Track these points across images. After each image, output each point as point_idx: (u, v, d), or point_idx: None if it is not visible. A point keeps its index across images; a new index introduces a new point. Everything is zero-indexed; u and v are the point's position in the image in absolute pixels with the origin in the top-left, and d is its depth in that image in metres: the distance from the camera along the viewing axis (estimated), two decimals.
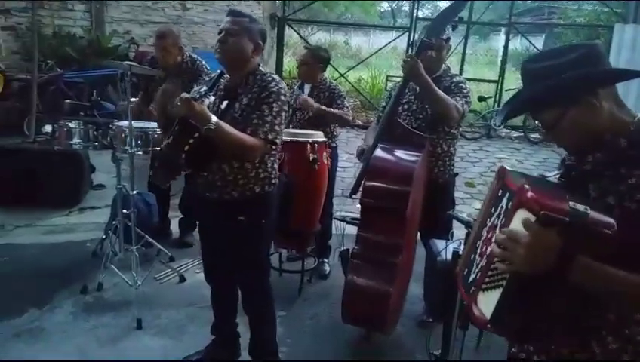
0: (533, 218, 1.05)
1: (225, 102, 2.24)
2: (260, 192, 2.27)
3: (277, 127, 2.13)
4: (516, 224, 1.09)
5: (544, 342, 1.28)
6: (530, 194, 1.06)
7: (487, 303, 1.15)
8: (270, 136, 2.11)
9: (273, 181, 2.33)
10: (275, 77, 2.20)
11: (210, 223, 2.46)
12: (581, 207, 1.03)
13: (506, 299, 1.11)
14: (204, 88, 2.02)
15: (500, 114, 1.35)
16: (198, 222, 2.58)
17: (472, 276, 1.27)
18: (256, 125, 2.10)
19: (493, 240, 1.16)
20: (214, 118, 1.98)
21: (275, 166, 2.34)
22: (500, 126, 8.95)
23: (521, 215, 1.08)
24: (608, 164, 1.17)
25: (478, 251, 1.27)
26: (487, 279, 1.16)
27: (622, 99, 1.22)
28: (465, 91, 2.80)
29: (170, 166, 2.24)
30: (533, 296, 1.09)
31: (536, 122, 1.29)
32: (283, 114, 2.17)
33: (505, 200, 1.18)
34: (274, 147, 2.20)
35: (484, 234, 1.26)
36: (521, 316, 1.13)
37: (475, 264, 1.27)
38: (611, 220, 1.05)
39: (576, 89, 1.16)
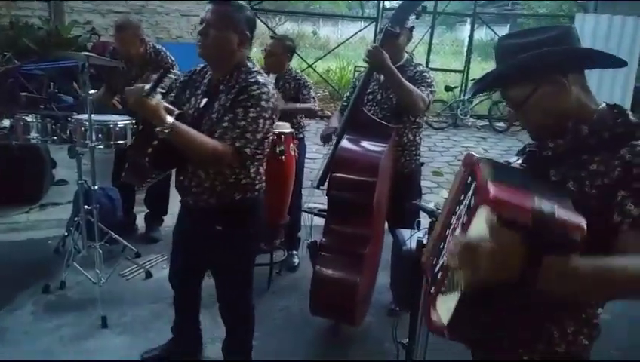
0: (495, 218, 0.97)
1: (204, 100, 2.03)
2: (239, 200, 2.09)
3: (249, 135, 1.89)
4: (477, 223, 1.02)
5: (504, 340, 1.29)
6: (492, 192, 0.99)
7: (444, 307, 1.10)
8: (238, 144, 1.87)
9: (257, 187, 2.14)
10: (260, 79, 1.96)
11: (187, 228, 2.28)
12: (547, 206, 0.97)
13: (463, 305, 1.03)
14: (148, 87, 1.77)
15: (472, 88, 1.34)
16: (175, 223, 2.41)
17: (437, 269, 1.24)
18: (225, 129, 1.88)
19: (450, 245, 1.07)
20: (169, 120, 1.77)
21: (261, 171, 2.15)
22: (469, 98, 8.98)
23: (483, 214, 1.00)
24: (570, 150, 1.18)
25: (447, 240, 1.25)
26: (445, 281, 1.12)
27: None
28: (429, 81, 2.82)
29: (139, 168, 2.01)
30: (493, 301, 1.04)
31: (505, 101, 1.29)
32: (260, 122, 1.92)
33: (470, 192, 1.15)
34: (247, 156, 1.97)
35: (453, 222, 1.24)
36: (480, 323, 1.08)
37: (442, 255, 1.24)
38: (580, 219, 0.98)
39: (549, 65, 1.17)
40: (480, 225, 1.00)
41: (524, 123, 1.27)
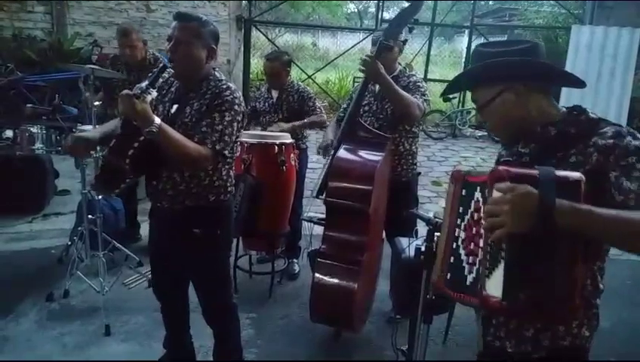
0: (507, 182, 1.12)
1: (175, 106, 2.11)
2: (214, 201, 2.17)
3: (227, 138, 1.99)
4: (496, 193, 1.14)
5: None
6: (502, 167, 1.16)
7: (494, 285, 1.13)
8: (218, 147, 1.97)
9: (229, 189, 2.23)
10: (231, 85, 2.08)
11: (162, 235, 2.29)
12: (547, 168, 1.14)
13: (510, 269, 1.10)
14: (145, 83, 1.83)
15: (446, 88, 1.53)
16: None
17: (471, 276, 1.24)
18: (205, 133, 1.97)
19: (481, 231, 1.18)
20: (157, 121, 1.83)
21: (231, 173, 2.24)
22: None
23: (498, 186, 1.13)
24: (544, 151, 1.30)
25: (463, 252, 1.27)
26: (487, 264, 1.15)
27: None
28: (422, 90, 2.89)
29: (113, 173, 2.00)
30: (534, 260, 1.11)
31: (472, 101, 1.43)
32: (235, 125, 2.03)
33: (477, 194, 1.23)
34: (225, 158, 2.05)
35: (463, 234, 1.28)
36: (530, 285, 1.11)
37: (465, 264, 1.26)
38: (579, 173, 1.13)
39: (508, 71, 1.30)
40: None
41: (488, 123, 1.41)
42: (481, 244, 1.19)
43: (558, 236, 1.09)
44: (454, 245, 1.31)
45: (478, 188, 1.23)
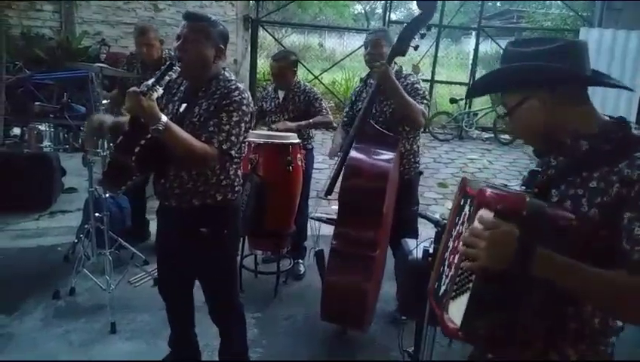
0: (491, 214, 1.05)
1: (184, 105, 2.11)
2: (221, 200, 2.16)
3: (233, 138, 2.00)
4: (478, 224, 1.09)
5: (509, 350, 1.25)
6: (488, 193, 1.08)
7: (457, 310, 1.11)
8: (224, 146, 1.98)
9: (236, 188, 2.22)
10: (240, 85, 2.09)
11: (170, 234, 2.29)
12: (538, 202, 1.06)
13: (474, 301, 1.07)
14: (152, 81, 1.86)
15: (468, 91, 1.42)
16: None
17: (443, 288, 1.23)
18: (212, 133, 1.97)
19: (459, 246, 1.14)
20: (164, 118, 1.84)
21: (239, 173, 2.24)
22: (467, 98, 8.97)
23: (481, 214, 1.08)
24: (569, 167, 1.18)
25: (446, 262, 1.25)
26: (455, 286, 1.13)
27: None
28: (421, 93, 2.91)
29: (120, 170, 2.02)
30: (501, 296, 1.06)
31: (502, 104, 1.31)
32: (242, 125, 2.04)
33: (467, 207, 1.19)
34: (231, 158, 2.07)
35: (451, 244, 1.26)
36: (490, 319, 1.09)
37: (444, 276, 1.25)
38: (570, 214, 1.06)
39: (529, 77, 1.18)
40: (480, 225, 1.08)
41: (515, 129, 1.29)
42: (456, 261, 1.17)
43: (533, 280, 1.05)
44: (445, 254, 1.29)
45: (469, 200, 1.19)
